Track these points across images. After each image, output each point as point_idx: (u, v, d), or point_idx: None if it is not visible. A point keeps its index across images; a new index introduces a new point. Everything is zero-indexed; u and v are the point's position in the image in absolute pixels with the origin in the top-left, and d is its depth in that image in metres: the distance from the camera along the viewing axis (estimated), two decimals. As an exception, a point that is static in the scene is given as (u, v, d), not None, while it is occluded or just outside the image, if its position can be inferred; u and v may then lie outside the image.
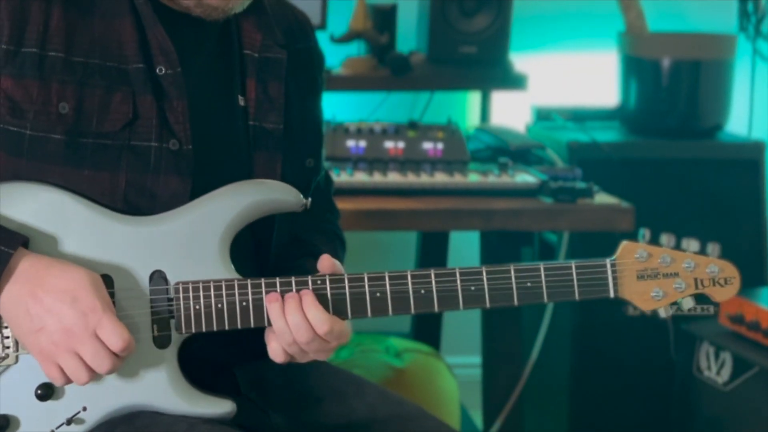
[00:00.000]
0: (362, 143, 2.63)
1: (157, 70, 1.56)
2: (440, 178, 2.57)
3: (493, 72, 3.16)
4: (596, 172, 2.74)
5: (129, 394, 1.53)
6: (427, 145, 2.63)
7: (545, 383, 3.20)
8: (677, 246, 1.60)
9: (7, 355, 1.52)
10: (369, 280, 1.55)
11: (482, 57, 3.13)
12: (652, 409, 3.12)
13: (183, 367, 1.55)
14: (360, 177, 2.55)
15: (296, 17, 1.77)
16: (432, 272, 1.56)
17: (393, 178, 2.56)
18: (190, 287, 1.53)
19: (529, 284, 1.56)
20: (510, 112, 3.39)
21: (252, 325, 1.54)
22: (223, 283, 1.54)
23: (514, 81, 3.17)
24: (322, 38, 1.82)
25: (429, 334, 3.29)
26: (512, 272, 1.56)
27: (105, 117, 1.53)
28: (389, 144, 2.63)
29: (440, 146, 2.63)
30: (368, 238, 3.36)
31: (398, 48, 3.19)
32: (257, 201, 1.57)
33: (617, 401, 3.13)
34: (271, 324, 1.54)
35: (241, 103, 1.65)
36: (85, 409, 1.52)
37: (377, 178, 2.55)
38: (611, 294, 1.58)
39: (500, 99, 3.39)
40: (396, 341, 2.99)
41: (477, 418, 3.15)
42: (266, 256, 1.67)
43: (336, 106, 2.91)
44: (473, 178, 2.58)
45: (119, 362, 1.48)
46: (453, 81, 3.19)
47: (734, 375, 2.70)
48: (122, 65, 1.55)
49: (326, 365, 1.75)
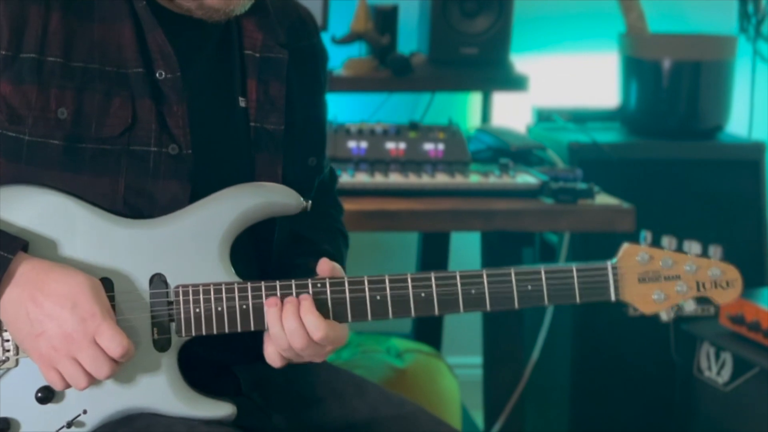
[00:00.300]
0: (363, 144, 2.63)
1: (157, 75, 1.55)
2: (441, 179, 2.57)
3: (494, 73, 3.16)
4: (597, 173, 2.75)
5: (129, 398, 1.52)
6: (428, 146, 2.63)
7: (546, 383, 3.20)
8: (679, 248, 1.59)
9: (8, 359, 1.51)
10: (369, 284, 1.55)
11: (483, 58, 3.13)
12: (653, 410, 3.12)
13: (184, 368, 1.54)
14: (361, 178, 2.55)
15: (299, 14, 1.75)
16: (432, 275, 1.56)
17: (394, 179, 2.56)
18: (190, 290, 1.53)
19: (530, 287, 1.56)
20: (511, 113, 3.39)
21: (252, 329, 1.54)
22: (223, 287, 1.53)
23: (515, 82, 3.17)
24: (324, 39, 1.82)
25: (430, 335, 3.29)
26: (513, 275, 1.56)
27: (104, 122, 1.52)
28: (390, 145, 2.63)
29: (441, 147, 2.63)
30: (369, 239, 3.36)
31: (399, 49, 3.19)
32: (257, 204, 1.56)
33: (618, 401, 3.13)
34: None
35: (242, 104, 1.64)
36: (86, 412, 1.51)
37: (378, 179, 2.55)
38: (612, 297, 1.58)
39: (501, 100, 3.39)
40: (397, 342, 2.99)
41: (478, 419, 3.15)
42: (267, 258, 1.67)
43: (337, 107, 2.91)
44: (474, 179, 2.58)
45: (118, 367, 1.48)
46: (454, 82, 3.18)
47: (735, 375, 2.69)
48: (121, 69, 1.53)
49: (327, 366, 1.75)
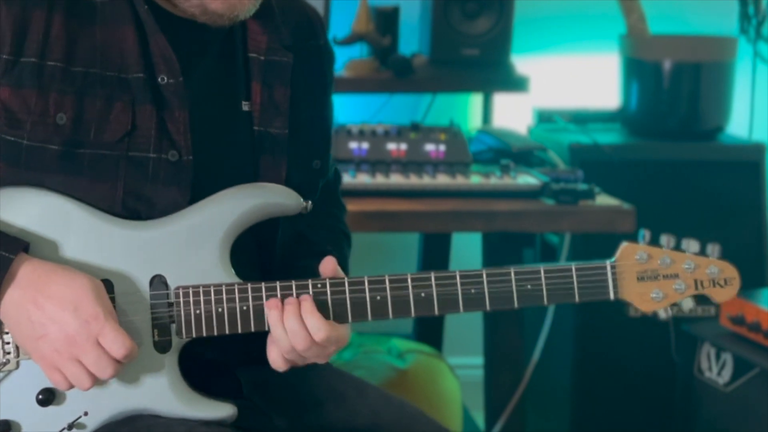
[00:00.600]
0: (365, 145, 2.63)
1: (159, 79, 1.54)
2: (442, 180, 2.57)
3: (495, 74, 3.16)
4: (598, 174, 2.75)
5: (130, 399, 1.52)
6: (430, 147, 2.64)
7: (547, 384, 3.20)
8: (677, 247, 1.60)
9: (8, 361, 1.51)
10: (369, 284, 1.55)
11: (484, 59, 3.13)
12: (654, 410, 3.12)
13: (184, 369, 1.54)
14: (362, 179, 2.55)
15: (306, 14, 1.74)
16: (432, 275, 1.55)
17: (395, 180, 2.56)
18: (191, 292, 1.52)
19: (529, 287, 1.56)
20: (512, 114, 3.40)
21: (252, 330, 1.54)
22: (224, 288, 1.53)
23: (516, 83, 3.17)
24: (326, 40, 1.81)
25: (431, 335, 3.29)
26: (512, 275, 1.56)
27: (104, 127, 1.51)
28: (391, 146, 2.63)
29: (442, 148, 2.63)
30: (371, 240, 3.36)
31: (400, 50, 3.19)
32: (257, 205, 1.56)
33: (619, 402, 3.13)
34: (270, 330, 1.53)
35: (245, 108, 1.63)
36: (86, 414, 1.51)
37: (380, 180, 2.55)
38: (611, 296, 1.58)
39: (502, 101, 3.39)
40: (398, 342, 2.99)
41: (479, 419, 3.16)
42: (269, 259, 1.66)
43: (338, 108, 2.89)
44: (475, 180, 2.58)
45: (121, 368, 1.47)
46: (455, 83, 3.18)
47: (735, 376, 2.70)
48: (123, 74, 1.52)
49: (328, 367, 1.75)
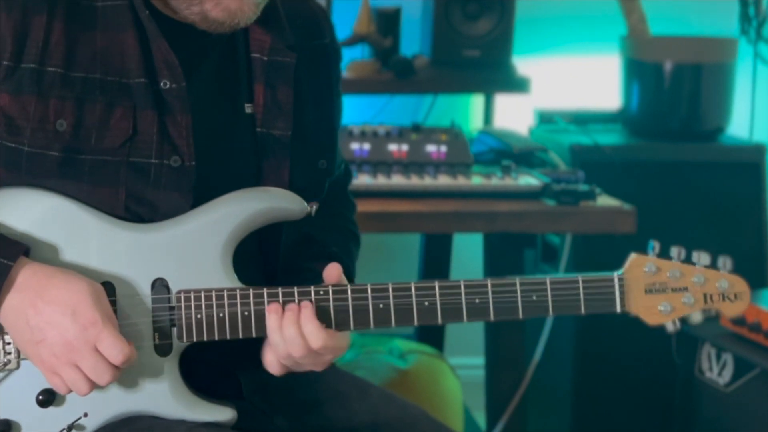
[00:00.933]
0: (366, 146, 2.63)
1: (161, 84, 1.52)
2: (444, 181, 2.57)
3: (496, 75, 3.16)
4: (599, 175, 2.75)
5: (130, 401, 1.52)
6: (431, 148, 2.64)
7: (548, 384, 3.20)
8: (687, 259, 1.56)
9: (9, 361, 1.50)
10: (372, 292, 1.53)
11: (485, 60, 3.13)
12: (654, 410, 3.12)
13: (185, 371, 1.53)
14: (364, 179, 2.55)
15: (312, 12, 1.72)
16: (436, 284, 1.54)
17: (397, 181, 2.56)
18: (192, 296, 1.51)
19: (535, 297, 1.54)
20: (513, 115, 3.40)
21: (254, 335, 1.52)
22: (225, 292, 1.52)
23: (517, 84, 3.17)
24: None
25: (433, 336, 3.29)
26: (518, 285, 1.54)
27: (104, 133, 1.50)
28: (393, 147, 2.63)
29: (443, 149, 2.63)
30: (372, 240, 3.35)
31: (402, 51, 3.20)
32: (260, 209, 1.54)
33: (619, 402, 3.13)
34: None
35: (248, 110, 1.61)
36: (86, 416, 1.51)
37: (381, 181, 2.55)
38: (618, 309, 1.55)
39: (503, 102, 3.39)
40: (400, 343, 2.99)
41: (480, 419, 3.16)
42: (273, 264, 1.65)
43: (340, 109, 2.92)
44: (476, 181, 2.59)
45: (119, 373, 1.47)
46: (456, 84, 3.18)
47: (736, 376, 2.69)
48: (124, 79, 1.51)
49: (329, 368, 1.72)
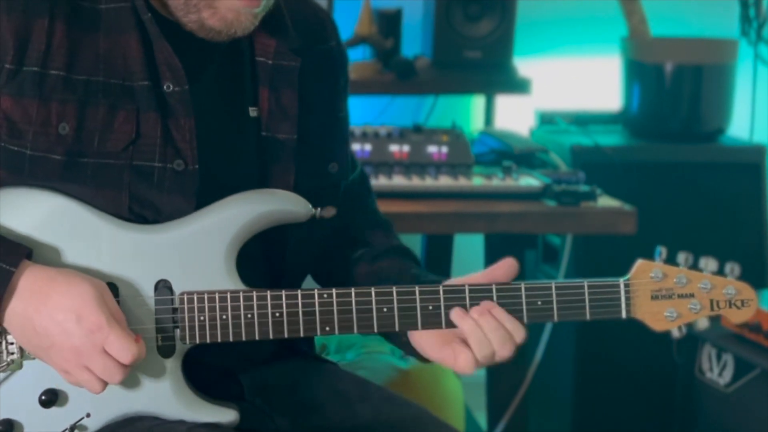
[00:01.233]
0: (367, 147, 2.63)
1: (164, 87, 1.51)
2: (445, 182, 2.58)
3: (497, 76, 3.16)
4: (599, 176, 2.75)
5: (133, 402, 1.51)
6: (432, 149, 2.64)
7: (549, 384, 3.21)
8: (695, 265, 1.54)
9: (12, 361, 1.50)
10: (376, 295, 1.52)
11: (486, 61, 3.13)
12: (655, 411, 3.13)
13: (187, 372, 1.53)
14: (365, 180, 2.56)
15: (317, 15, 1.71)
16: (440, 288, 1.53)
17: (398, 182, 2.57)
18: (195, 298, 1.50)
19: (540, 303, 1.52)
20: (514, 116, 3.41)
21: (257, 338, 1.51)
22: (229, 295, 1.50)
23: (518, 85, 3.18)
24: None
25: (433, 336, 3.29)
26: (523, 290, 1.53)
27: (107, 136, 1.49)
28: (394, 147, 2.63)
29: (445, 150, 2.63)
30: (373, 241, 3.37)
31: (403, 52, 3.20)
32: (265, 211, 1.53)
33: (620, 403, 3.14)
34: (405, 338, 1.58)
35: (253, 114, 1.60)
36: (89, 416, 1.50)
37: (382, 182, 2.55)
38: (623, 315, 1.53)
39: (504, 103, 3.40)
40: (401, 343, 2.99)
41: (481, 419, 3.16)
42: (279, 267, 1.64)
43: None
44: (477, 182, 2.59)
45: (131, 369, 1.46)
46: (457, 85, 3.19)
47: (736, 377, 2.69)
48: (127, 82, 1.50)
49: (331, 368, 1.75)
